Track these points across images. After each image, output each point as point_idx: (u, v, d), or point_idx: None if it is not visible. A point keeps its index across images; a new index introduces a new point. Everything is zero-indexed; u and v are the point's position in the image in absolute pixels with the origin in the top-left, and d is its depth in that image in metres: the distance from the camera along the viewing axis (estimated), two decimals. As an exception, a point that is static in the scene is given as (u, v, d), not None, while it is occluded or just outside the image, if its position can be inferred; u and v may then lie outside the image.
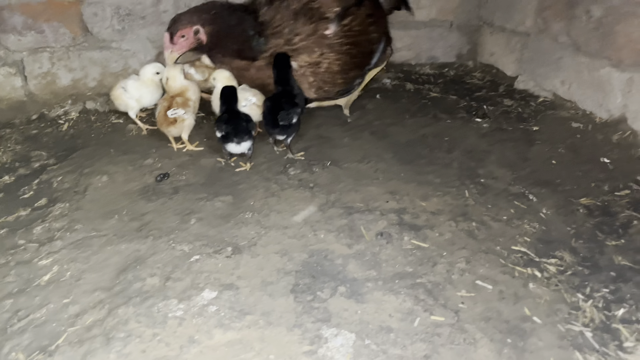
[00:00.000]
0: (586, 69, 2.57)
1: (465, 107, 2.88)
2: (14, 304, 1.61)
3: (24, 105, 2.86)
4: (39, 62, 2.84)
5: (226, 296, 1.58)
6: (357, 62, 2.66)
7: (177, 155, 2.43)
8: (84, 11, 2.81)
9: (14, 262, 1.80)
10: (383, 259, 1.75)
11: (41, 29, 2.78)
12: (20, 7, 2.71)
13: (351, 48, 2.59)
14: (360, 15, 2.62)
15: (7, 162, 2.50)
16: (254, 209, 2.02)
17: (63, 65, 2.88)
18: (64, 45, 2.85)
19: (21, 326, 1.53)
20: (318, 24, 2.53)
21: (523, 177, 2.23)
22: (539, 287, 1.63)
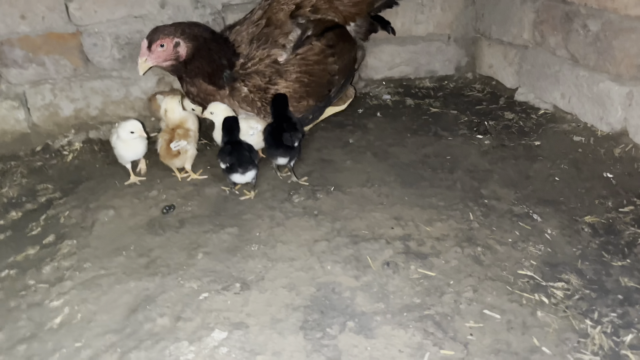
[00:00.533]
0: (585, 82, 2.58)
1: (466, 123, 2.89)
2: (27, 350, 1.63)
3: (27, 137, 2.88)
4: (41, 94, 2.86)
5: (236, 336, 1.59)
6: (310, 91, 2.66)
7: (181, 185, 2.45)
8: (83, 42, 2.83)
9: (25, 304, 1.82)
10: (391, 291, 1.76)
11: (42, 61, 2.80)
12: (19, 41, 2.73)
13: (303, 77, 2.60)
14: (318, 46, 2.64)
15: (14, 197, 2.52)
16: (260, 241, 2.03)
17: (65, 96, 2.90)
18: (65, 77, 2.87)
19: (35, 373, 1.55)
20: (271, 49, 2.56)
21: (526, 196, 2.24)
22: (547, 314, 1.64)
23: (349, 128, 2.91)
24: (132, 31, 2.87)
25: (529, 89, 3.01)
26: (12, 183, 2.62)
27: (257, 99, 2.57)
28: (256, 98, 2.57)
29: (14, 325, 1.73)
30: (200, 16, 2.91)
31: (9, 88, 2.81)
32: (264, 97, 2.56)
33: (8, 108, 2.82)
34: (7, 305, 1.83)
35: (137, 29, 2.88)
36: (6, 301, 1.85)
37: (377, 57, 3.36)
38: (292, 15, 2.62)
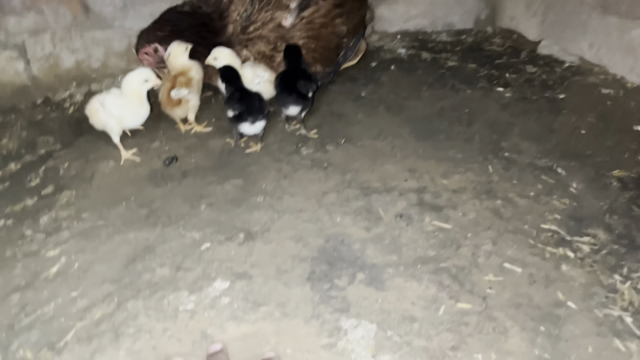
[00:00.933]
0: (616, 31, 2.40)
1: (485, 76, 2.73)
2: (21, 298, 1.55)
3: (28, 89, 2.78)
4: (40, 44, 2.74)
5: (239, 286, 1.50)
6: (317, 57, 2.49)
7: (184, 137, 2.34)
8: (83, -11, 2.69)
9: (21, 254, 1.74)
10: (403, 243, 1.65)
11: (40, 9, 2.67)
12: (17, -13, 2.60)
13: (310, 42, 2.43)
14: (325, 6, 2.44)
15: (13, 149, 2.42)
16: (266, 193, 1.93)
17: (65, 47, 2.78)
18: (65, 26, 2.74)
19: (29, 322, 1.47)
20: (275, 12, 2.38)
21: (550, 149, 2.10)
22: (573, 268, 1.53)
23: (361, 82, 2.76)
24: (134, -23, 2.73)
25: (553, 41, 2.84)
26: (11, 136, 2.53)
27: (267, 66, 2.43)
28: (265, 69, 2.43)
29: (8, 274, 1.65)
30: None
31: (7, 37, 2.69)
32: (269, 66, 2.41)
33: (7, 59, 2.70)
34: (3, 254, 1.75)
35: (140, -26, 2.73)
36: (1, 250, 1.77)
37: (392, 8, 3.18)
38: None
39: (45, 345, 1.39)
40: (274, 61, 2.41)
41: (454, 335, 1.32)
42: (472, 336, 1.32)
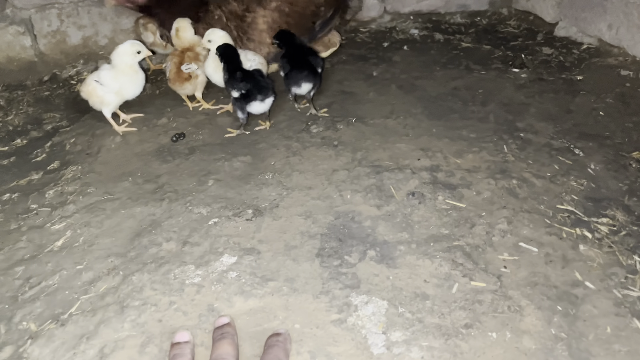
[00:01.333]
0: (636, 11, 2.32)
1: (500, 57, 2.66)
2: (25, 271, 1.53)
3: (34, 65, 2.75)
4: (47, 20, 2.71)
5: (247, 261, 1.47)
6: (291, 22, 2.41)
7: (192, 114, 2.30)
8: (91, -38, 2.65)
9: (26, 227, 1.72)
10: (415, 221, 1.60)
11: (48, -17, 2.64)
12: (24, -39, 2.57)
13: (283, 5, 2.37)
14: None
15: (19, 125, 2.41)
16: (274, 169, 1.89)
17: (72, 23, 2.75)
18: (73, 1, 2.71)
19: (33, 294, 1.45)
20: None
21: (566, 130, 2.04)
22: (590, 249, 1.48)
23: (372, 61, 2.71)
24: (142, -48, 2.67)
25: (570, 22, 2.76)
26: (18, 111, 2.51)
27: (233, 27, 2.36)
28: (232, 26, 2.36)
29: (12, 247, 1.63)
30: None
31: (14, 12, 2.66)
32: (240, 27, 2.35)
33: (14, 34, 2.67)
34: (7, 227, 1.73)
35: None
36: (6, 223, 1.75)
37: (405, -12, 3.12)
38: None
39: (50, 317, 1.36)
40: (244, 21, 2.36)
41: (467, 313, 1.28)
42: (487, 314, 1.28)
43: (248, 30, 2.33)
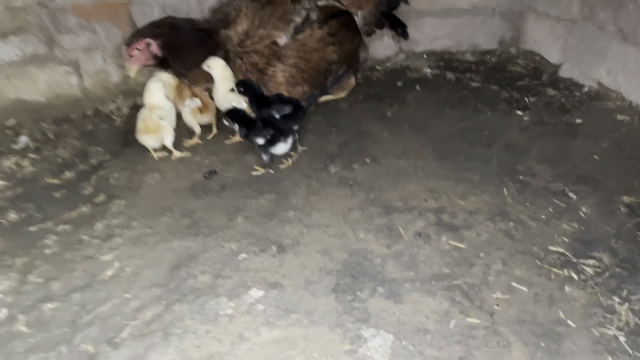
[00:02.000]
0: (633, 59, 2.51)
1: (506, 99, 2.87)
2: (81, 298, 1.77)
3: (79, 101, 3.03)
4: (92, 61, 2.99)
5: (272, 295, 1.69)
6: (306, 77, 2.64)
7: (223, 152, 2.54)
8: (132, 10, 2.92)
9: (80, 257, 1.97)
10: (421, 260, 1.81)
11: (93, 28, 2.91)
12: (73, 8, 2.84)
13: (300, 62, 2.60)
14: (318, 33, 2.62)
15: (67, 158, 2.67)
16: (296, 207, 2.11)
17: (114, 63, 3.02)
18: (115, 43, 2.98)
19: (89, 319, 1.69)
20: (272, 30, 2.56)
21: (563, 173, 2.23)
22: (575, 289, 1.67)
23: (387, 101, 2.93)
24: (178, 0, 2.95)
25: (574, 65, 2.95)
26: (65, 145, 2.78)
27: (255, 78, 2.59)
28: (252, 77, 2.59)
29: (69, 275, 1.88)
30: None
31: (63, 54, 2.94)
32: (260, 79, 2.58)
33: (62, 73, 2.96)
34: (63, 257, 1.98)
35: (184, -3, 2.95)
36: (62, 253, 2.00)
37: (419, 29, 3.33)
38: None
39: (105, 340, 1.60)
40: (265, 74, 2.59)
41: (462, 347, 1.49)
42: (479, 349, 1.48)
43: (268, 83, 2.57)
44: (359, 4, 2.74)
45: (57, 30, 2.87)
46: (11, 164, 2.62)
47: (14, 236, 2.10)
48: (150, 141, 2.51)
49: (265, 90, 2.58)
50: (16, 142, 2.80)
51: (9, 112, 2.95)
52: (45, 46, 2.89)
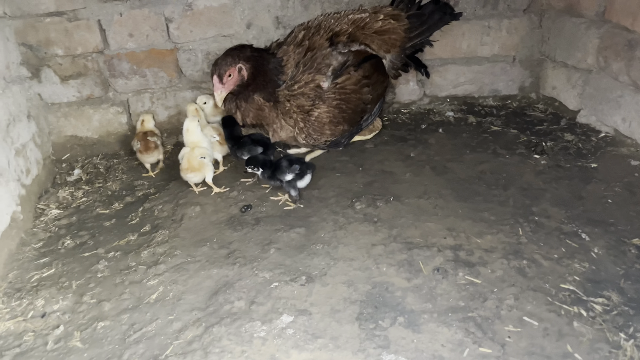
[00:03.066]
0: (646, 108, 2.65)
1: (524, 143, 3.02)
2: (129, 318, 1.98)
3: (128, 138, 3.31)
4: (141, 102, 3.29)
5: (301, 321, 1.86)
6: (346, 117, 2.88)
7: (257, 188, 2.76)
8: (179, 57, 3.22)
9: (128, 281, 2.18)
10: (438, 293, 1.97)
11: (144, 73, 3.22)
12: (127, 55, 3.16)
13: (341, 104, 2.82)
14: (355, 76, 2.85)
15: (116, 190, 2.93)
16: (324, 241, 2.30)
17: (161, 104, 3.31)
18: (162, 87, 3.28)
19: (136, 337, 1.88)
20: (315, 75, 2.79)
21: (576, 215, 2.36)
22: (583, 325, 1.79)
23: (410, 142, 3.12)
24: (220, 48, 3.23)
25: (590, 112, 3.10)
26: (114, 178, 3.05)
27: (300, 119, 2.81)
28: (299, 118, 2.81)
29: (119, 298, 2.09)
30: (281, 36, 3.22)
31: (115, 96, 3.25)
32: (306, 119, 2.80)
33: (114, 113, 3.26)
34: (113, 281, 2.19)
35: (225, 46, 3.20)
36: (112, 278, 2.22)
37: (442, 75, 3.54)
38: (331, 42, 2.83)
39: (151, 357, 1.79)
40: (311, 115, 2.80)
41: (474, 374, 1.62)
42: (489, 376, 1.62)
43: (314, 123, 2.80)
44: (387, 49, 2.96)
45: (112, 74, 3.19)
46: (66, 195, 2.90)
47: (70, 261, 2.34)
48: (194, 178, 2.75)
49: (312, 129, 2.81)
50: (71, 174, 3.10)
51: (65, 148, 3.26)
52: (101, 89, 3.20)
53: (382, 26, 2.88)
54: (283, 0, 3.21)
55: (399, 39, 2.95)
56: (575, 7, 3.10)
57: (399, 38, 2.94)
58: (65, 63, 3.08)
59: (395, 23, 2.91)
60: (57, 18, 2.96)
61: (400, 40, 2.95)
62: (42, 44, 3.00)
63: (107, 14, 3.02)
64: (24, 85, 2.94)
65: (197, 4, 3.11)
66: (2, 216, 2.37)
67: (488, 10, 3.38)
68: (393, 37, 2.93)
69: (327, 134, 2.85)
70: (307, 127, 2.80)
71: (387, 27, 2.89)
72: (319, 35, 2.84)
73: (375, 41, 2.91)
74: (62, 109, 3.19)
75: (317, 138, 2.85)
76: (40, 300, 2.10)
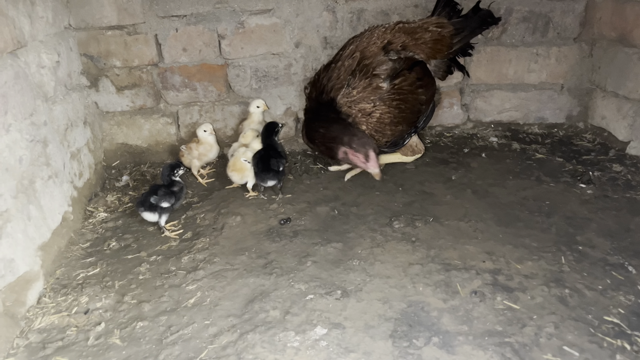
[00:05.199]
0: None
1: (570, 171, 2.96)
2: (167, 320, 2.03)
3: (175, 148, 3.43)
4: (190, 114, 3.41)
5: (334, 334, 1.87)
6: (406, 117, 2.92)
7: (297, 202, 2.80)
8: (229, 73, 3.33)
9: (167, 285, 2.24)
10: (475, 316, 1.93)
11: (194, 87, 3.34)
12: (179, 69, 3.29)
13: (400, 104, 2.87)
14: (411, 77, 2.91)
15: (160, 198, 3.03)
16: (360, 257, 2.30)
17: (209, 117, 3.42)
18: (211, 100, 3.39)
19: (173, 339, 1.93)
20: (372, 79, 2.84)
21: (623, 247, 2.29)
22: (626, 359, 1.72)
23: (452, 165, 3.11)
24: (269, 66, 3.33)
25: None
26: (160, 186, 3.15)
27: (362, 122, 2.84)
28: (361, 121, 2.84)
29: (158, 300, 2.15)
30: (328, 56, 3.29)
31: (166, 107, 3.38)
32: (369, 121, 2.84)
33: (164, 123, 3.39)
34: (154, 283, 2.26)
35: (273, 64, 3.33)
36: (153, 280, 2.28)
37: (487, 101, 3.53)
38: (385, 50, 2.90)
39: (186, 359, 1.83)
40: (373, 117, 2.84)
41: (509, 400, 1.58)
42: (525, 403, 1.57)
43: (376, 124, 2.84)
44: (433, 55, 3.05)
45: (164, 86, 3.32)
46: (114, 199, 3.01)
47: (114, 262, 2.42)
48: (235, 177, 2.91)
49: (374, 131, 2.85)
50: (119, 180, 3.22)
51: (116, 155, 3.39)
52: (153, 99, 3.34)
53: (431, 36, 3.00)
54: (332, 22, 3.29)
55: (445, 45, 3.05)
56: (628, 37, 3.05)
57: (445, 45, 3.05)
58: (122, 74, 3.24)
59: (442, 31, 3.02)
60: (118, 31, 3.13)
61: (446, 47, 3.06)
62: (102, 56, 3.16)
63: (164, 29, 3.17)
64: (83, 93, 3.09)
65: (249, 22, 3.22)
66: (55, 215, 2.48)
67: (537, 38, 3.36)
68: (439, 45, 3.03)
69: (388, 135, 2.89)
70: (369, 129, 2.85)
71: (436, 38, 3.01)
72: (374, 44, 2.92)
73: (425, 49, 3.00)
74: (116, 117, 3.34)
75: (379, 139, 2.88)
76: (84, 297, 2.18)
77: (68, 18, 2.99)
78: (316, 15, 3.26)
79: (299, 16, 3.25)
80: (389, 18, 3.29)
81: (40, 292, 2.21)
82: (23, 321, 2.06)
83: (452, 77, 3.30)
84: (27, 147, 2.27)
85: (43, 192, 2.38)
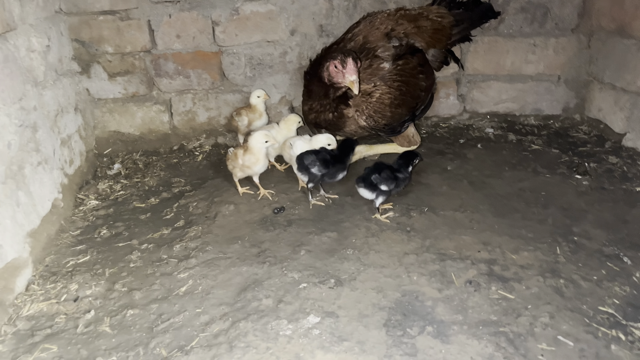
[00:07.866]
0: (698, 134, 2.54)
1: (566, 163, 2.94)
2: (158, 308, 2.00)
3: (168, 137, 3.39)
4: (183, 102, 3.36)
5: (327, 322, 1.84)
6: (406, 100, 2.90)
7: (292, 191, 2.77)
8: (223, 60, 3.29)
9: (159, 273, 2.21)
10: (470, 306, 1.91)
11: (188, 74, 3.30)
12: (173, 56, 3.25)
13: (402, 85, 2.86)
14: (413, 61, 2.91)
15: (153, 186, 2.99)
16: (355, 247, 2.28)
17: (202, 105, 3.38)
18: (205, 88, 3.35)
19: (164, 327, 1.90)
20: (373, 60, 2.84)
21: (619, 239, 2.27)
22: (622, 349, 1.71)
23: (448, 156, 3.08)
24: (263, 53, 3.29)
25: (638, 136, 2.99)
26: (152, 174, 3.11)
27: (362, 101, 2.82)
28: (361, 101, 2.82)
29: (149, 288, 2.12)
30: (324, 44, 3.25)
31: (159, 95, 3.34)
32: (368, 101, 2.82)
33: (156, 111, 3.34)
34: (145, 271, 2.23)
35: (268, 52, 3.29)
36: (144, 268, 2.25)
37: (484, 92, 3.50)
38: (388, 36, 2.89)
39: (177, 347, 1.80)
40: (373, 97, 2.83)
41: (504, 390, 1.57)
42: (520, 393, 1.56)
43: (375, 104, 2.82)
44: (432, 44, 3.04)
45: (157, 74, 3.28)
46: (105, 187, 2.97)
47: (105, 249, 2.39)
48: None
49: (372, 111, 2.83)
50: (111, 168, 3.18)
51: (108, 142, 3.35)
52: (145, 87, 3.29)
53: (432, 25, 2.99)
54: (328, 10, 3.25)
55: (445, 35, 3.05)
56: (627, 28, 3.03)
57: (444, 35, 3.04)
58: (115, 60, 3.19)
59: (442, 21, 3.02)
60: (110, 16, 3.07)
61: (445, 37, 3.05)
62: (94, 41, 3.11)
63: (157, 14, 3.12)
64: (74, 79, 3.04)
65: (244, 9, 3.17)
66: (44, 202, 2.44)
67: (535, 28, 3.33)
68: (439, 35, 3.03)
69: (388, 116, 2.86)
70: (368, 109, 2.83)
71: (437, 27, 3.00)
72: (377, 29, 2.90)
73: (425, 38, 2.98)
74: (108, 104, 3.29)
75: (378, 120, 2.85)
76: (74, 284, 2.15)
77: (59, 2, 2.94)
78: (312, 3, 3.22)
79: (294, 3, 3.21)
80: (385, 6, 3.25)
81: (29, 280, 2.18)
82: (11, 308, 2.02)
83: (449, 67, 3.27)
84: (16, 132, 2.22)
85: (32, 178, 2.34)
